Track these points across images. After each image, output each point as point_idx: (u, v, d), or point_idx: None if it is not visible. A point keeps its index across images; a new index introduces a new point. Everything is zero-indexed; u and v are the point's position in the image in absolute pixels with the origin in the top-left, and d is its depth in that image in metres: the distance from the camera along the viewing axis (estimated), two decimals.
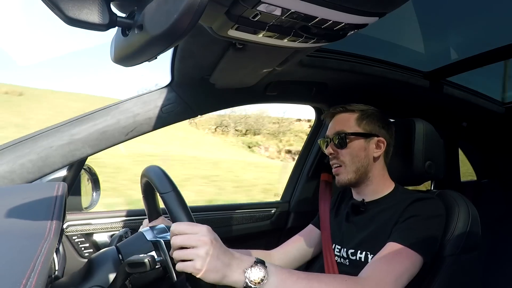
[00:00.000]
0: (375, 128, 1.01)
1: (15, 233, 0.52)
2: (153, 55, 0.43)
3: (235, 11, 0.56)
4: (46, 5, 0.36)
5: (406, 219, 0.87)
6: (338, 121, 1.04)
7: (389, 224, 0.90)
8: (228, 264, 0.63)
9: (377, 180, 1.01)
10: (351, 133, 0.99)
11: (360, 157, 0.98)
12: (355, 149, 0.98)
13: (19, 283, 0.37)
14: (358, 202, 1.01)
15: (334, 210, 1.12)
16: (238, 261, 0.64)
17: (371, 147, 1.00)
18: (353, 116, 1.01)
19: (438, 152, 1.08)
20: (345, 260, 0.97)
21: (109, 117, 1.02)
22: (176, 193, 0.68)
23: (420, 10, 1.06)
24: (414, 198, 0.91)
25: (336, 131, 1.01)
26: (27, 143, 0.94)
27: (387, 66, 1.27)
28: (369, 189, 1.01)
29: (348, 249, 0.96)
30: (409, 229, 0.85)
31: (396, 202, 0.94)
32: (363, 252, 0.92)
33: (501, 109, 1.68)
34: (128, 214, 1.21)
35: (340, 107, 1.04)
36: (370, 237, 0.92)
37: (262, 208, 1.51)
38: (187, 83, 1.09)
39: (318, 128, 1.56)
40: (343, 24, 0.63)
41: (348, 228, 1.02)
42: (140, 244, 0.76)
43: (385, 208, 0.95)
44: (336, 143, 1.00)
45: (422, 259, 0.82)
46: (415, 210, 0.88)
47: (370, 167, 1.00)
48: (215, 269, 0.61)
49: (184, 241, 0.62)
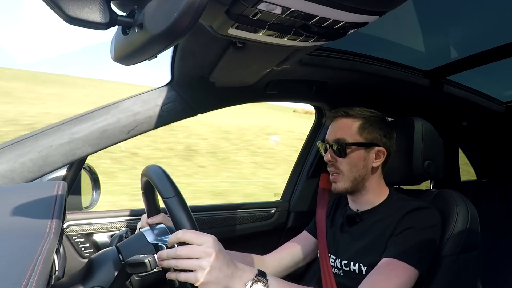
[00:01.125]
0: (376, 137, 0.98)
1: (15, 233, 0.52)
2: (153, 53, 0.43)
3: (235, 10, 0.56)
4: (46, 4, 0.36)
5: (401, 232, 0.87)
6: (339, 127, 1.00)
7: (384, 236, 0.89)
8: (230, 276, 0.63)
9: (373, 189, 1.00)
10: (352, 143, 0.96)
11: (359, 167, 0.96)
12: (354, 159, 0.96)
13: (20, 283, 0.36)
14: (353, 213, 1.00)
15: (330, 218, 1.12)
16: (240, 272, 0.65)
17: (370, 157, 0.98)
18: (355, 124, 0.98)
19: (438, 151, 1.08)
20: (340, 271, 0.97)
21: (109, 115, 1.02)
22: (179, 198, 0.67)
23: (420, 9, 1.06)
24: (408, 209, 0.90)
25: (336, 138, 0.98)
26: (28, 141, 0.94)
27: (387, 64, 1.27)
28: (364, 198, 1.00)
29: (342, 260, 0.96)
30: (404, 242, 0.84)
31: (391, 213, 0.93)
32: (357, 264, 0.92)
33: (501, 109, 1.68)
34: (128, 214, 1.21)
35: (342, 111, 1.01)
36: (364, 249, 0.92)
37: (262, 208, 1.51)
38: (187, 82, 1.09)
39: (318, 127, 1.56)
40: (343, 23, 0.63)
41: (342, 239, 1.01)
42: (140, 244, 0.76)
43: (379, 219, 0.95)
44: (336, 150, 0.98)
45: (419, 273, 0.82)
46: (410, 222, 0.87)
47: (368, 176, 0.98)
48: (217, 281, 0.61)
49: (189, 253, 0.62)
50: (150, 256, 0.64)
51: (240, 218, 1.44)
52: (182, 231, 0.64)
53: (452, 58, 1.32)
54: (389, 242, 0.87)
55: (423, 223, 0.87)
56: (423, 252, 0.84)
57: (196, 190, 5.99)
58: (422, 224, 0.87)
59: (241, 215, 1.44)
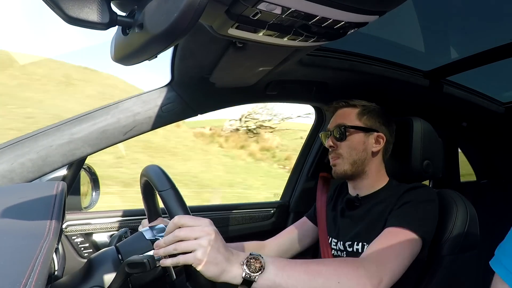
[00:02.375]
0: (375, 124, 1.02)
1: (15, 233, 0.52)
2: (153, 54, 0.43)
3: (235, 10, 0.56)
4: (46, 4, 0.35)
5: (400, 206, 0.89)
6: (339, 115, 1.05)
7: (384, 214, 0.91)
8: (227, 259, 0.63)
9: (373, 175, 1.02)
10: (351, 126, 1.01)
11: (358, 150, 1.00)
12: (354, 142, 1.00)
13: (19, 283, 0.36)
14: (353, 198, 1.02)
15: (331, 205, 1.13)
16: (236, 256, 0.65)
17: (370, 142, 1.01)
18: (354, 111, 1.03)
19: (436, 151, 1.08)
20: (342, 253, 0.98)
21: (109, 116, 1.02)
22: (174, 191, 0.68)
23: (420, 9, 1.06)
24: (407, 188, 0.93)
25: (337, 123, 1.03)
26: (27, 142, 0.94)
27: (387, 65, 1.27)
28: (364, 183, 1.02)
29: (345, 242, 0.97)
30: (403, 213, 0.86)
31: (390, 194, 0.96)
32: (360, 243, 0.93)
33: (501, 109, 1.68)
34: (127, 214, 1.21)
35: (343, 101, 1.06)
36: (366, 229, 0.93)
37: (261, 208, 1.51)
38: (187, 82, 1.09)
39: (318, 127, 1.56)
40: (343, 23, 0.63)
41: (343, 222, 1.03)
42: (139, 244, 0.76)
43: (379, 201, 0.97)
44: (336, 135, 1.02)
45: (420, 239, 0.82)
46: (408, 197, 0.90)
47: (368, 161, 1.01)
48: (215, 262, 0.61)
49: (188, 234, 0.61)
50: (149, 256, 0.64)
51: (239, 219, 1.44)
52: (178, 217, 0.64)
53: (452, 58, 1.32)
54: (389, 217, 0.89)
55: (421, 197, 0.89)
56: (422, 219, 0.85)
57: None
58: (420, 198, 0.89)
59: (240, 216, 1.44)
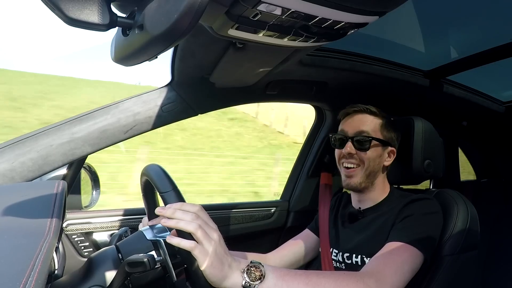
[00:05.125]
0: (392, 138, 1.01)
1: (15, 232, 0.52)
2: (153, 54, 0.43)
3: (235, 10, 0.56)
4: (46, 6, 0.36)
5: (402, 220, 0.88)
6: (360, 121, 0.99)
7: (386, 227, 0.90)
8: (229, 265, 0.63)
9: (379, 188, 1.01)
10: (377, 138, 0.97)
11: (375, 162, 0.98)
12: (374, 154, 0.97)
13: (19, 282, 0.37)
14: (356, 211, 1.02)
15: (333, 216, 1.12)
16: (237, 263, 0.65)
17: (384, 156, 1.00)
18: (377, 121, 1.00)
19: (437, 151, 1.08)
20: (341, 264, 0.98)
21: (109, 116, 1.02)
22: (176, 192, 0.68)
23: (420, 9, 1.05)
24: (408, 200, 0.92)
25: (360, 130, 0.98)
26: (28, 141, 0.94)
27: (387, 65, 1.27)
28: (369, 196, 1.01)
29: (344, 253, 0.97)
30: (405, 228, 0.86)
31: (392, 207, 0.95)
32: (359, 256, 0.92)
33: (501, 108, 1.68)
34: (127, 213, 1.21)
35: (364, 106, 1.01)
36: (366, 241, 0.93)
37: (261, 207, 1.51)
38: (187, 82, 1.09)
39: (318, 127, 1.56)
40: (343, 23, 0.63)
41: (344, 234, 1.02)
42: (139, 243, 0.76)
43: (381, 214, 0.96)
44: (359, 144, 0.97)
45: (422, 254, 0.82)
46: (410, 210, 0.89)
47: (378, 174, 1.00)
48: (219, 266, 0.61)
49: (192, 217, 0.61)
50: (149, 255, 0.65)
51: (239, 218, 1.44)
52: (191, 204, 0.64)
53: (452, 58, 1.32)
54: (391, 230, 0.88)
55: (423, 210, 0.89)
56: (424, 234, 0.84)
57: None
58: (422, 211, 0.88)
59: (240, 215, 1.44)
